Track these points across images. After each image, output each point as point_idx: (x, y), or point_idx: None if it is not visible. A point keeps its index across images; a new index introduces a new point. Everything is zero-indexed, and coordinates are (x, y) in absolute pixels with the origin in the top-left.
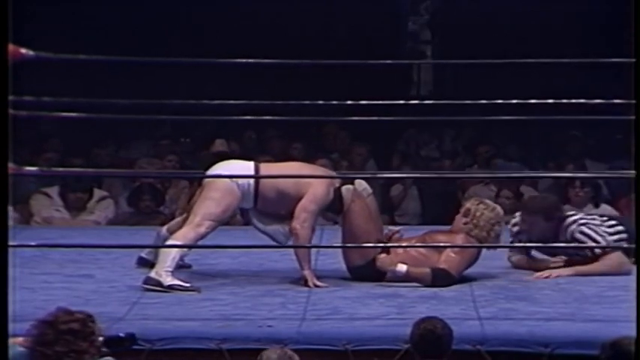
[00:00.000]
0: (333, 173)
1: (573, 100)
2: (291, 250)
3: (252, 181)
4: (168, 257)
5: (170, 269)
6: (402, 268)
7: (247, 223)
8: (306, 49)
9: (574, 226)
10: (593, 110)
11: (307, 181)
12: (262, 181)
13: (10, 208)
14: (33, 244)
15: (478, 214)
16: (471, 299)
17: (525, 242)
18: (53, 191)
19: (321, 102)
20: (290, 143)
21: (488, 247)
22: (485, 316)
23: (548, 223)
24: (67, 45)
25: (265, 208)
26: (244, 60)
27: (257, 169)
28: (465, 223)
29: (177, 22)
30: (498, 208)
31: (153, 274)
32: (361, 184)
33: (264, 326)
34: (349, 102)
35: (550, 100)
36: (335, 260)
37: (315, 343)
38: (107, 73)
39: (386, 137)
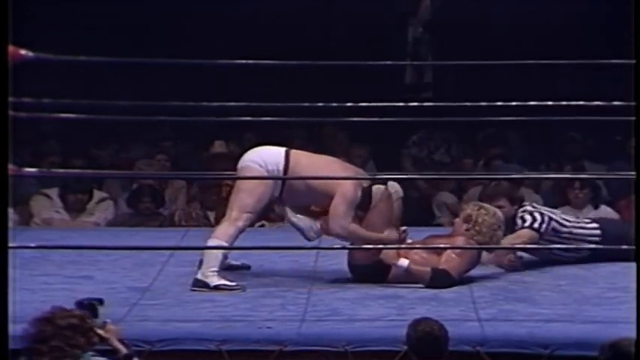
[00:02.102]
0: (362, 172)
1: (573, 102)
2: (292, 251)
3: (281, 167)
4: (212, 258)
5: (215, 269)
6: (404, 262)
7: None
8: (306, 49)
9: (521, 210)
10: (592, 111)
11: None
12: (292, 170)
13: (10, 210)
14: (33, 245)
15: (480, 220)
16: (470, 300)
17: None
18: (53, 192)
19: (320, 103)
20: (290, 144)
21: (487, 249)
22: (485, 317)
23: (514, 207)
24: (67, 45)
25: (291, 199)
26: (244, 61)
27: (287, 156)
28: (467, 229)
29: (178, 22)
30: (499, 213)
31: (199, 275)
32: (394, 187)
33: (263, 327)
34: (349, 104)
35: (549, 102)
36: (335, 261)
37: (315, 344)
38: (107, 74)
39: (389, 139)
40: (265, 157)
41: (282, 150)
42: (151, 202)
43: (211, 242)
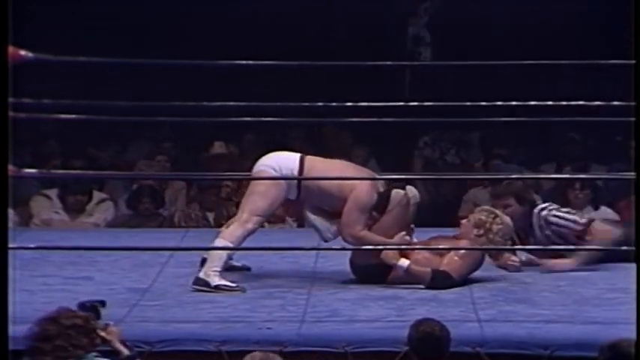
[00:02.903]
0: (375, 175)
1: (573, 102)
2: (292, 252)
3: (295, 172)
4: (216, 258)
5: (218, 269)
6: (404, 262)
7: None
8: (306, 49)
9: (545, 212)
10: (592, 112)
11: (351, 182)
12: (306, 175)
13: (10, 210)
14: (32, 246)
15: (494, 228)
16: (470, 301)
17: None
18: (53, 193)
19: (320, 103)
20: (290, 144)
21: (488, 250)
22: (485, 318)
23: (522, 207)
24: (67, 45)
25: (309, 200)
26: (244, 61)
27: (302, 161)
28: (479, 235)
29: (178, 22)
30: (509, 220)
31: (202, 274)
32: (412, 191)
33: (263, 328)
34: (349, 104)
35: (549, 102)
36: (335, 262)
37: (315, 345)
38: (107, 74)
39: (389, 139)
40: (280, 161)
41: (297, 155)
42: (150, 203)
43: (217, 242)
